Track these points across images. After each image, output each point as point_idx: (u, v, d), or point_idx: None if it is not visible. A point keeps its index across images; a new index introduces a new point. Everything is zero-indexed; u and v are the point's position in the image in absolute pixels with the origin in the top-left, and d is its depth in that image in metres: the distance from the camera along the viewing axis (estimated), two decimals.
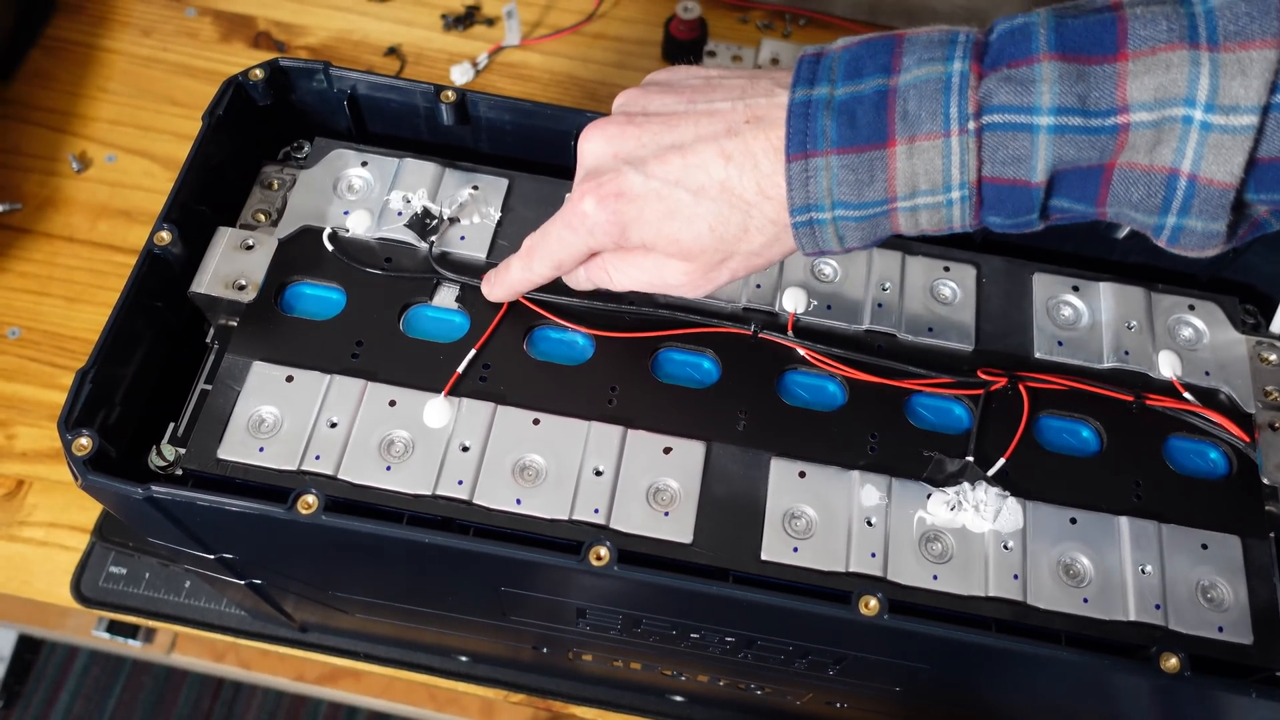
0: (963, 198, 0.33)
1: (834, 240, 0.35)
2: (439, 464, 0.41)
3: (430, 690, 0.82)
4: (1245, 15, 0.30)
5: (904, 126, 0.33)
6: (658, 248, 0.38)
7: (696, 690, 0.59)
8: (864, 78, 0.34)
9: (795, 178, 0.34)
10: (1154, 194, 0.32)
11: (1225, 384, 0.45)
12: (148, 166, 0.74)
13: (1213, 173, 0.31)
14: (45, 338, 0.68)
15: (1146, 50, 0.30)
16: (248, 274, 0.45)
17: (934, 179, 0.33)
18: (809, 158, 0.34)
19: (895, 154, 0.33)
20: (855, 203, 0.34)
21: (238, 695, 1.22)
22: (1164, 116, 0.31)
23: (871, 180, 0.34)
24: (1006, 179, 0.33)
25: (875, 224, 0.35)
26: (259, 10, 0.82)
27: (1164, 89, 0.30)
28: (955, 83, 0.32)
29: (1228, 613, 0.40)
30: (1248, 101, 0.30)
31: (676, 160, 0.36)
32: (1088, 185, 0.33)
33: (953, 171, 0.33)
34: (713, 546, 0.40)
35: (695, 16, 0.78)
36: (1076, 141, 0.32)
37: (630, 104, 0.39)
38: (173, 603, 0.64)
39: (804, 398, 0.45)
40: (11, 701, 1.20)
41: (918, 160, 0.33)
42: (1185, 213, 0.32)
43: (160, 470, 0.42)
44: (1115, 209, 0.33)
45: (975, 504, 0.41)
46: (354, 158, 0.48)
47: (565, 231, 0.39)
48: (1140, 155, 0.32)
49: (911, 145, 0.33)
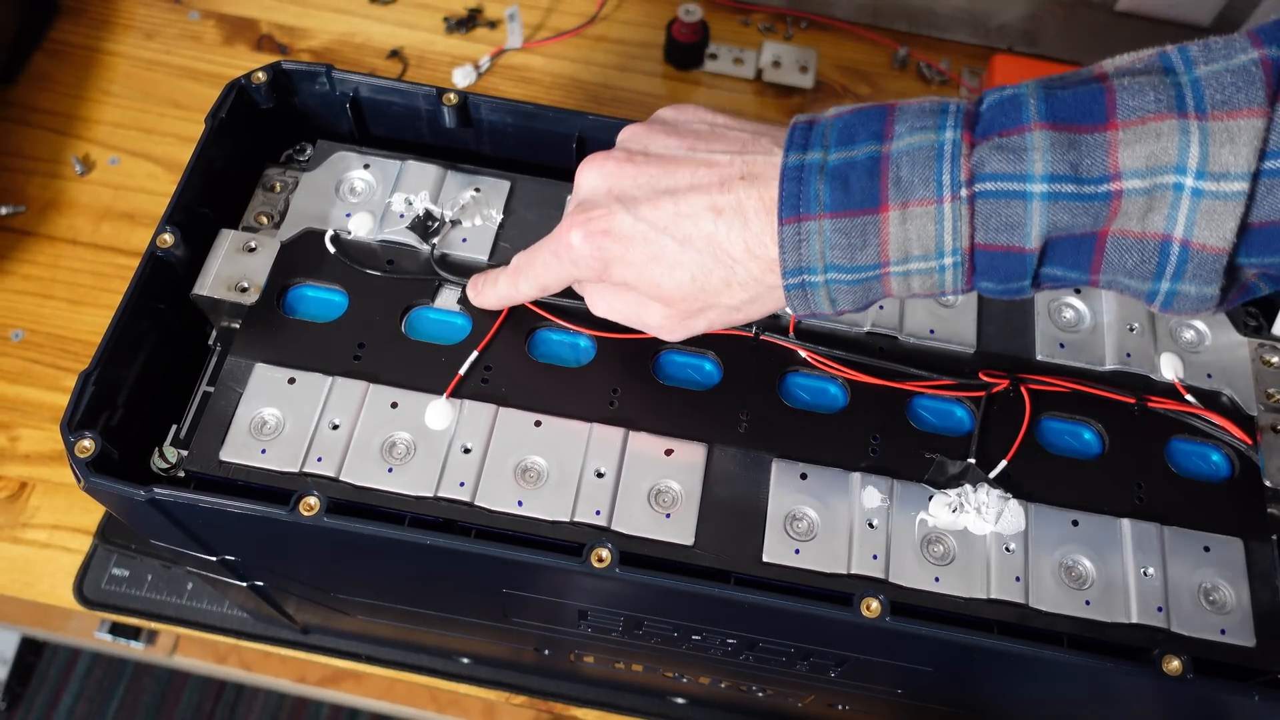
0: (955, 264, 0.33)
1: (826, 302, 0.36)
2: (441, 466, 0.41)
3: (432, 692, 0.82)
4: (1231, 85, 0.30)
5: (897, 192, 0.33)
6: (639, 289, 0.38)
7: (698, 692, 0.59)
8: (856, 144, 0.34)
9: (788, 241, 0.34)
10: (1148, 260, 0.32)
11: (1227, 386, 0.45)
12: (150, 169, 0.75)
13: (1205, 238, 0.31)
14: (48, 340, 0.68)
15: (1136, 120, 0.31)
16: (250, 276, 0.45)
17: (927, 245, 0.33)
18: (801, 221, 0.34)
19: (888, 219, 0.33)
20: (848, 266, 0.34)
21: (239, 697, 1.22)
22: (1156, 184, 0.31)
23: (864, 245, 0.34)
24: (1000, 246, 0.33)
25: (868, 288, 0.35)
26: (262, 13, 0.82)
27: (1155, 157, 0.31)
28: (948, 150, 0.32)
29: (1230, 615, 0.40)
30: (1237, 168, 0.30)
31: (668, 206, 0.36)
32: (1080, 253, 0.33)
33: (945, 238, 0.33)
34: (714, 548, 0.40)
35: (697, 19, 0.78)
36: (1070, 208, 0.32)
37: (633, 141, 0.39)
38: (175, 605, 0.64)
39: (805, 400, 0.45)
40: (14, 703, 1.20)
41: (910, 226, 0.33)
42: (1179, 278, 0.32)
43: (162, 472, 0.42)
44: (1109, 277, 0.33)
45: (977, 506, 0.41)
46: (356, 160, 0.48)
47: (550, 259, 0.40)
48: (1133, 222, 0.32)
49: (904, 211, 0.33)
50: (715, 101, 0.79)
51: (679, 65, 0.80)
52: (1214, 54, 0.31)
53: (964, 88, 0.81)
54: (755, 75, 0.80)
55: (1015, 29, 0.82)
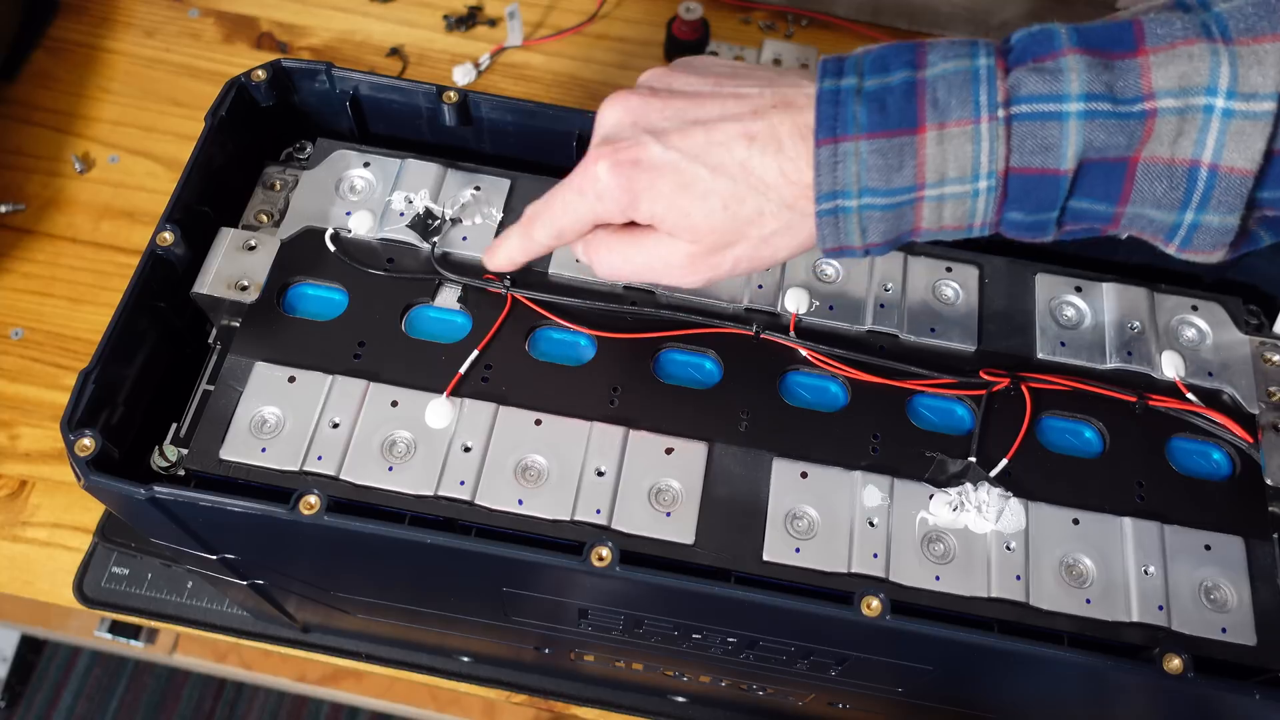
0: (989, 188, 0.34)
1: (856, 232, 0.35)
2: (441, 464, 0.41)
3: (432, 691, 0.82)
4: (1253, 15, 0.31)
5: (934, 113, 0.33)
6: (666, 222, 0.37)
7: (698, 691, 0.59)
8: (891, 71, 0.34)
9: (824, 162, 0.34)
10: (1176, 187, 0.33)
11: (1228, 385, 0.45)
12: (150, 167, 0.74)
13: (1234, 160, 0.32)
14: (48, 338, 0.68)
15: (1165, 45, 0.32)
16: (250, 275, 0.45)
17: (963, 166, 0.33)
18: (838, 142, 0.34)
19: (926, 140, 0.33)
20: (884, 189, 0.34)
21: (240, 696, 1.22)
22: (1188, 105, 0.32)
23: (901, 166, 0.34)
24: (1034, 169, 0.33)
25: (900, 215, 0.35)
26: (262, 11, 0.82)
27: (1187, 77, 0.32)
28: (983, 74, 0.33)
29: (1231, 614, 0.40)
30: (1265, 89, 0.31)
31: (699, 135, 0.36)
32: (1111, 181, 0.33)
33: (982, 159, 0.33)
34: (715, 547, 0.40)
35: (697, 17, 0.78)
36: (1106, 126, 0.32)
37: (655, 80, 0.39)
38: (175, 603, 0.64)
39: (806, 398, 0.45)
40: (14, 702, 1.20)
41: (948, 146, 0.33)
42: (1204, 207, 0.33)
43: (163, 471, 0.42)
44: (1135, 210, 0.34)
45: (977, 505, 0.41)
46: (356, 158, 0.48)
47: (573, 196, 0.38)
48: (1164, 147, 0.32)
49: (942, 131, 0.33)
50: None
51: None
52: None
53: None
54: None
55: (1016, 26, 0.82)
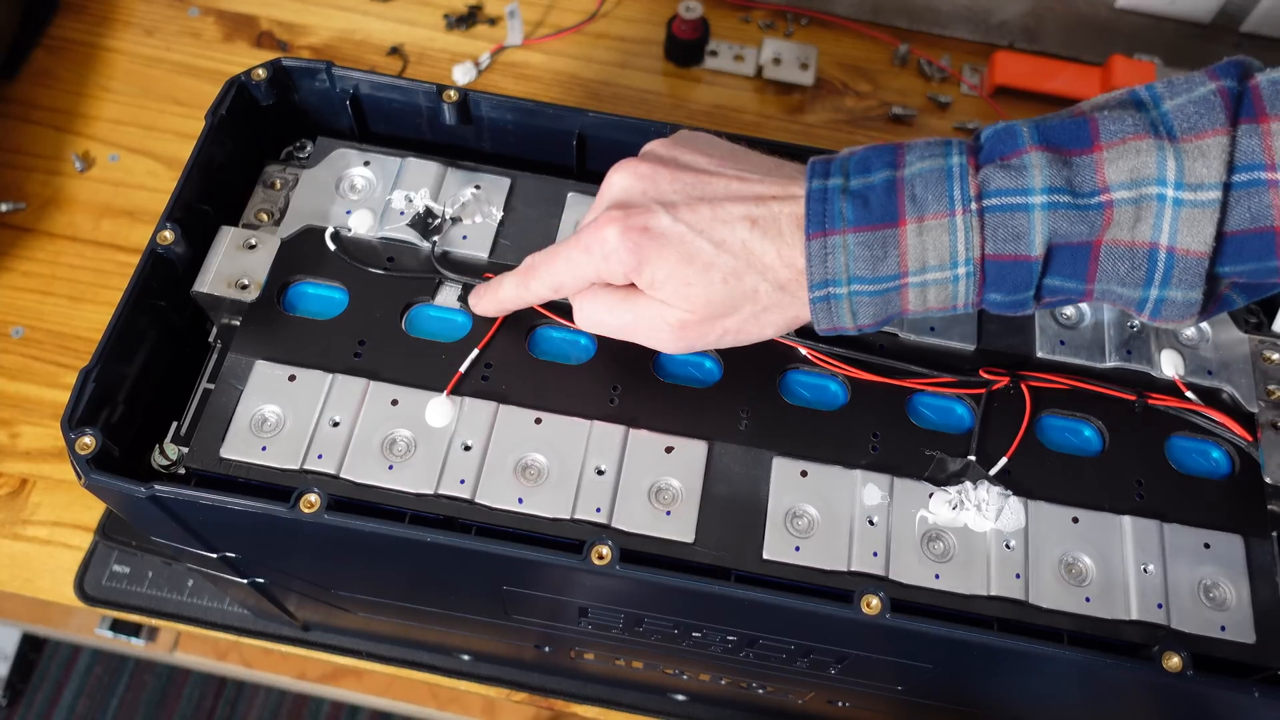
0: (968, 274, 0.36)
1: (848, 315, 0.38)
2: (441, 463, 0.41)
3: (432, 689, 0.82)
4: (1195, 114, 0.34)
5: (913, 207, 0.36)
6: (665, 289, 0.38)
7: (698, 689, 0.60)
8: (872, 171, 0.37)
9: (815, 255, 0.37)
10: (1138, 267, 0.35)
11: (1227, 383, 0.45)
12: (151, 166, 0.75)
13: (1188, 244, 0.34)
14: (49, 337, 0.68)
15: (1118, 141, 0.35)
16: (250, 273, 0.45)
17: (942, 255, 0.36)
18: (828, 236, 0.37)
19: (906, 232, 0.36)
20: (870, 278, 0.37)
21: (240, 694, 1.22)
22: (1141, 194, 0.34)
23: (885, 257, 0.36)
24: (1008, 255, 0.36)
25: (888, 300, 0.37)
26: (262, 10, 0.82)
27: (1137, 170, 0.34)
28: (956, 172, 0.36)
29: (1230, 612, 0.40)
30: (1210, 179, 0.34)
31: (706, 211, 0.38)
32: (1078, 263, 0.36)
33: (959, 248, 0.36)
34: (715, 545, 0.40)
35: (697, 16, 0.78)
36: (1068, 216, 0.35)
37: (662, 150, 0.41)
38: (175, 601, 0.64)
39: (806, 397, 0.45)
40: (15, 700, 1.20)
41: (927, 237, 0.36)
42: (1166, 284, 0.36)
43: (163, 469, 0.42)
44: (1103, 286, 0.36)
45: (977, 503, 0.41)
46: (356, 157, 0.48)
47: (579, 254, 0.40)
48: (1124, 231, 0.35)
49: (921, 224, 0.36)
50: (716, 99, 0.79)
51: (679, 62, 0.80)
52: (1177, 90, 0.35)
53: (964, 84, 0.81)
54: (755, 72, 0.80)
55: (1015, 25, 0.82)
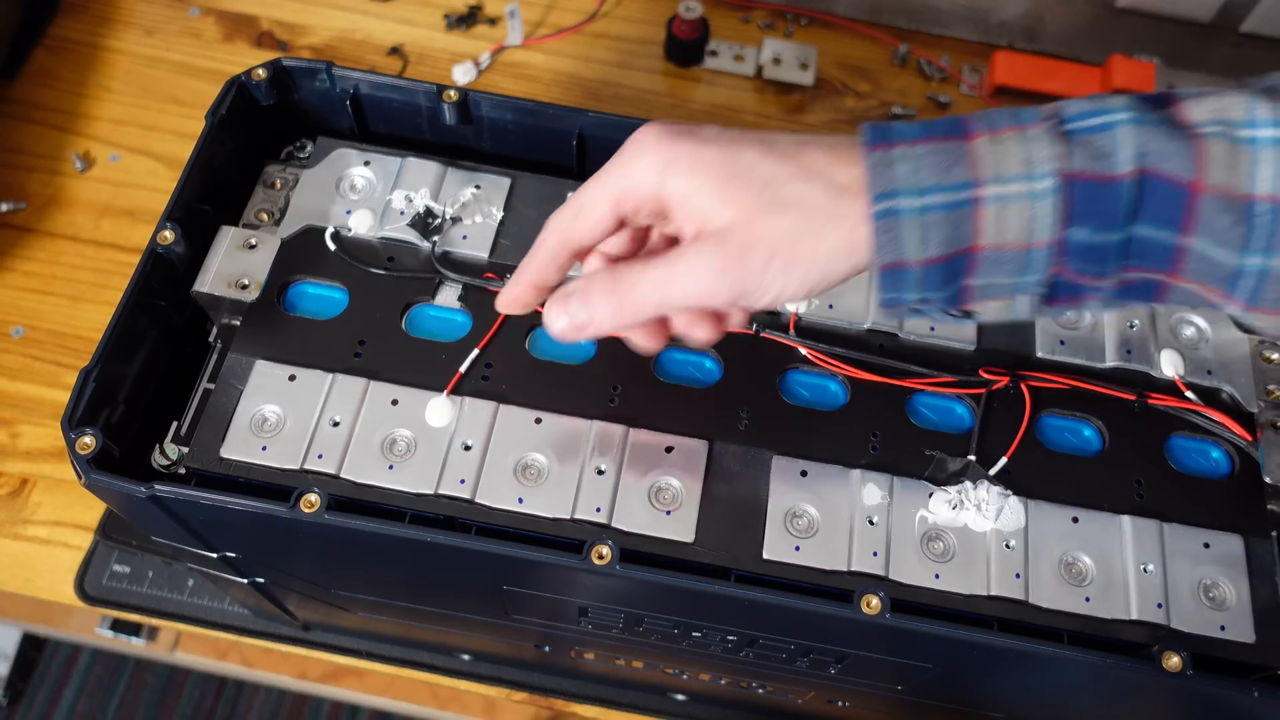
0: (1054, 188, 0.32)
1: (916, 240, 0.32)
2: (441, 463, 0.41)
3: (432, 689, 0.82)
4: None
5: (984, 124, 0.33)
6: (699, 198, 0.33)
7: (698, 689, 0.60)
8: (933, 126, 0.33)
9: (877, 164, 0.32)
10: (1240, 222, 0.31)
11: (1227, 383, 0.45)
12: (151, 166, 0.75)
13: None
14: (49, 336, 0.68)
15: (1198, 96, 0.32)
16: (250, 273, 0.45)
17: (1020, 162, 0.32)
18: (891, 147, 0.32)
19: (978, 143, 0.32)
20: (940, 186, 0.32)
21: (240, 693, 1.22)
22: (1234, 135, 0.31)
23: (955, 163, 0.32)
24: (1093, 173, 0.32)
25: (960, 219, 0.32)
26: (262, 10, 0.82)
27: (1224, 111, 0.31)
28: (1028, 112, 0.33)
29: (1230, 612, 0.40)
30: None
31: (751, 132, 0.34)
32: (1174, 204, 0.32)
33: (1039, 155, 0.32)
34: (715, 545, 0.40)
35: (697, 16, 0.78)
36: (1158, 134, 0.31)
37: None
38: (176, 601, 0.64)
39: (806, 397, 0.45)
40: (15, 699, 1.20)
41: (1003, 147, 0.32)
42: (1271, 248, 0.31)
43: (163, 469, 0.42)
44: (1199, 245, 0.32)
45: (977, 503, 0.41)
46: (356, 157, 0.48)
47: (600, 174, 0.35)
48: (1220, 173, 0.31)
49: (994, 136, 0.32)
50: (716, 99, 0.79)
51: (679, 62, 0.80)
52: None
53: (964, 84, 0.81)
54: (755, 72, 0.80)
55: (1015, 25, 0.82)
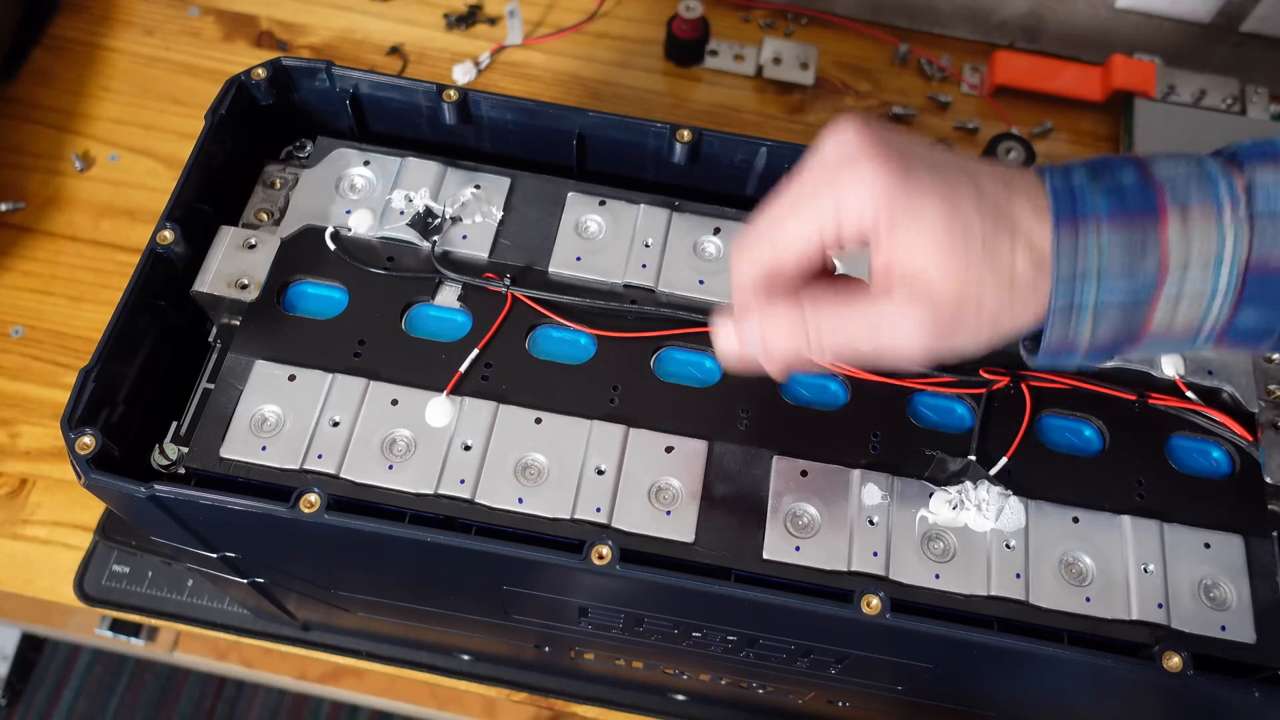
0: (1230, 281, 0.31)
1: (1087, 330, 0.32)
2: (441, 463, 0.41)
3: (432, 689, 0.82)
4: None
5: (1175, 199, 0.31)
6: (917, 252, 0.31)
7: (698, 689, 0.60)
8: (1115, 171, 0.32)
9: (1064, 247, 0.31)
10: None
11: (1228, 383, 0.45)
12: (150, 165, 0.74)
13: None
14: (48, 336, 0.68)
15: None
16: (250, 273, 0.45)
17: (1207, 254, 0.31)
18: (1079, 224, 0.31)
19: (1169, 226, 0.31)
20: (1126, 281, 0.31)
21: (240, 694, 1.22)
22: None
23: (1144, 254, 0.31)
24: (1276, 263, 0.31)
25: (1134, 313, 0.32)
26: (261, 9, 0.82)
27: None
28: (1217, 172, 0.31)
29: (1230, 612, 0.40)
30: None
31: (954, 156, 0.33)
32: None
33: (1226, 246, 0.31)
34: (715, 545, 0.40)
35: (697, 15, 0.78)
36: None
37: None
38: (175, 601, 0.64)
39: (806, 396, 0.45)
40: (15, 700, 1.20)
41: (1193, 232, 0.31)
42: None
43: (163, 469, 0.42)
44: None
45: (977, 503, 0.41)
46: (356, 157, 0.48)
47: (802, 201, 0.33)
48: None
49: (1185, 216, 0.31)
50: (716, 99, 0.79)
51: (679, 62, 0.80)
52: None
53: (964, 84, 0.81)
54: (756, 72, 0.80)
55: (1016, 25, 0.82)
